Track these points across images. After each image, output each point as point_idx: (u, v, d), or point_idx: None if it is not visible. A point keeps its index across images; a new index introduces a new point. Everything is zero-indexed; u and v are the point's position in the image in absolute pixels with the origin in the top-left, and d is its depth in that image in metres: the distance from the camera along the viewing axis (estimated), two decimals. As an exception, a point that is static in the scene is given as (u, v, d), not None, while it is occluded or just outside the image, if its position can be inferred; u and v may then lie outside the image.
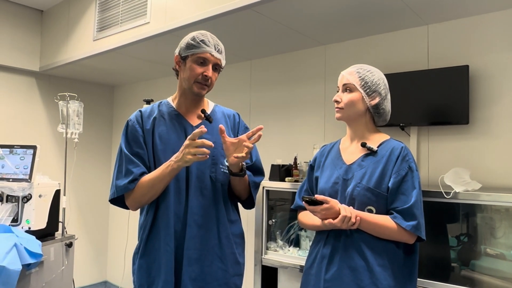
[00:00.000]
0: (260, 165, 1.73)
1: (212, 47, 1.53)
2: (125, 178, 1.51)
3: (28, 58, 3.84)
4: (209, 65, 1.54)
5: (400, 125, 2.36)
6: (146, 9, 2.82)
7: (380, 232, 1.44)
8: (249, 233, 2.94)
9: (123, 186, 1.51)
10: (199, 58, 1.53)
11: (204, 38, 1.53)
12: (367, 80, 1.54)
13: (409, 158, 1.50)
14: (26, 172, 2.41)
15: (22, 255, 2.12)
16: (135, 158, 1.54)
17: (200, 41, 1.53)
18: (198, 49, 1.52)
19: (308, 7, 2.22)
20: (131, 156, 1.54)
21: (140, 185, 1.50)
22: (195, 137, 1.41)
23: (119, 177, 1.54)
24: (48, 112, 4.10)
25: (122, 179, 1.52)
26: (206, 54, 1.52)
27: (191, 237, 1.50)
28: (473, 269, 1.90)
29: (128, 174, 1.51)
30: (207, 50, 1.52)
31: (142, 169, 1.53)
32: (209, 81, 1.55)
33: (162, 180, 1.48)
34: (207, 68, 1.53)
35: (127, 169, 1.52)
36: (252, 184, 1.65)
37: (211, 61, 1.54)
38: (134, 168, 1.52)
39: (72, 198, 4.13)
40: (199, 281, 1.50)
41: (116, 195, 1.54)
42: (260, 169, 1.72)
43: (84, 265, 4.32)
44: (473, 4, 2.12)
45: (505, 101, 2.14)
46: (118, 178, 1.54)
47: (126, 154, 1.54)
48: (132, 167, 1.52)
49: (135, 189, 1.51)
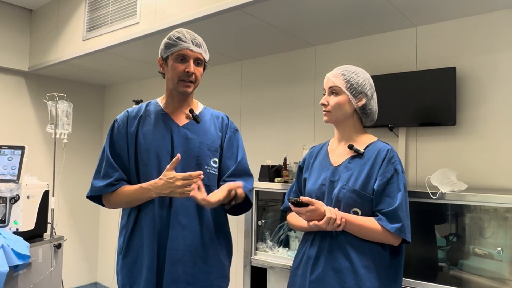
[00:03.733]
0: (246, 165, 1.69)
1: (190, 42, 1.53)
2: (102, 180, 1.54)
3: (17, 58, 3.80)
4: (190, 61, 1.53)
5: (389, 126, 2.37)
6: (136, 9, 2.81)
7: (365, 234, 1.45)
8: (239, 233, 2.95)
9: (99, 188, 1.54)
10: (179, 55, 1.53)
11: (179, 35, 1.53)
12: (352, 82, 1.54)
13: (395, 160, 1.50)
14: (14, 172, 2.39)
15: (9, 257, 2.11)
16: (115, 161, 1.55)
17: (176, 38, 1.53)
18: (176, 47, 1.52)
19: (298, 8, 2.22)
20: (112, 158, 1.55)
21: (117, 194, 1.54)
22: (190, 180, 1.43)
23: (96, 177, 1.57)
24: (37, 113, 4.07)
25: (99, 180, 1.55)
26: (184, 50, 1.52)
27: (174, 238, 1.50)
28: (461, 269, 1.92)
29: (106, 177, 1.54)
30: (184, 46, 1.52)
31: (120, 174, 1.55)
32: (193, 77, 1.55)
33: (138, 200, 1.52)
34: (188, 64, 1.53)
35: (106, 171, 1.55)
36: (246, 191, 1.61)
37: (191, 56, 1.53)
38: (112, 172, 1.54)
39: (61, 199, 4.10)
40: (182, 282, 1.49)
41: (91, 194, 1.58)
42: (246, 170, 1.68)
43: (74, 267, 4.29)
44: (461, 6, 2.13)
45: (492, 103, 2.16)
46: (95, 178, 1.57)
47: (108, 156, 1.56)
48: (111, 170, 1.54)
49: (113, 195, 1.55)
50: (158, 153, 1.54)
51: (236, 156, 1.67)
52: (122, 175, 1.55)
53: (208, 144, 1.60)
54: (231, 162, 1.65)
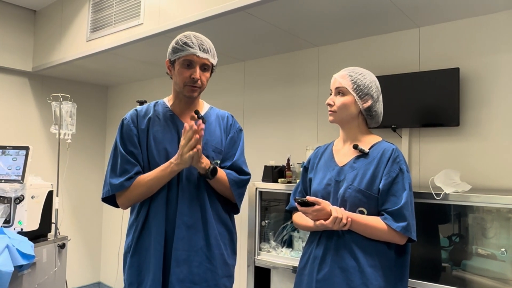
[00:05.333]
0: (242, 164, 1.69)
1: (197, 48, 1.52)
2: (120, 176, 1.52)
3: (21, 59, 3.82)
4: (196, 67, 1.53)
5: (392, 127, 2.38)
6: (140, 10, 2.82)
7: (371, 233, 1.46)
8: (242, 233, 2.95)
9: (119, 184, 1.51)
10: (185, 61, 1.52)
11: (187, 40, 1.52)
12: (359, 84, 1.55)
13: (400, 159, 1.51)
14: (19, 173, 2.39)
15: (14, 257, 2.12)
16: (130, 157, 1.54)
17: (183, 44, 1.52)
18: (183, 52, 1.51)
19: (301, 9, 2.23)
20: (126, 154, 1.54)
21: (136, 184, 1.51)
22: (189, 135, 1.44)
23: (113, 175, 1.54)
24: (41, 113, 4.09)
25: (117, 178, 1.52)
26: (191, 56, 1.51)
27: (180, 238, 1.51)
28: (464, 269, 1.92)
29: (124, 173, 1.52)
30: (191, 52, 1.51)
31: (137, 167, 1.54)
32: (199, 83, 1.55)
33: (161, 181, 1.51)
34: (194, 70, 1.52)
35: (123, 168, 1.53)
36: (230, 181, 1.60)
37: (197, 62, 1.53)
38: (131, 168, 1.53)
39: (65, 199, 4.11)
40: (187, 282, 1.50)
41: (110, 193, 1.54)
42: (241, 169, 1.68)
43: (77, 266, 4.30)
44: (464, 7, 2.14)
45: (495, 104, 2.16)
46: (112, 177, 1.54)
47: (122, 152, 1.54)
48: (129, 166, 1.53)
49: (131, 188, 1.52)
50: (168, 155, 1.55)
51: (233, 155, 1.68)
52: (140, 168, 1.54)
53: (213, 145, 1.62)
54: (228, 162, 1.66)
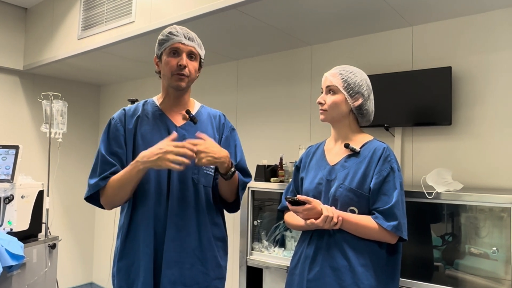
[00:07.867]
0: (245, 165, 1.70)
1: (181, 36, 1.53)
2: (98, 176, 1.51)
3: (11, 57, 3.78)
4: (183, 54, 1.52)
5: (385, 126, 2.37)
6: (131, 8, 2.80)
7: (362, 232, 1.45)
8: (235, 233, 2.94)
9: (94, 183, 1.50)
10: (171, 49, 1.52)
11: (171, 30, 1.54)
12: (349, 82, 1.55)
13: (391, 158, 1.51)
14: (8, 172, 2.37)
15: (3, 257, 2.09)
16: (112, 158, 1.53)
17: (168, 33, 1.53)
18: (168, 41, 1.52)
19: (294, 7, 2.22)
20: (108, 156, 1.53)
21: (109, 184, 1.49)
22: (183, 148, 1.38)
23: (92, 176, 1.53)
24: (32, 112, 4.05)
25: (95, 178, 1.51)
26: (177, 44, 1.52)
27: (171, 239, 1.48)
28: (457, 268, 1.92)
29: (102, 173, 1.51)
30: (176, 39, 1.51)
31: (117, 168, 1.52)
32: (186, 70, 1.53)
33: (129, 180, 1.45)
34: (180, 58, 1.52)
35: (103, 169, 1.51)
36: (241, 184, 1.63)
37: (183, 50, 1.52)
38: (108, 167, 1.51)
39: (56, 198, 4.08)
40: (179, 284, 1.48)
41: (88, 193, 1.53)
42: (245, 170, 1.69)
43: (69, 267, 4.27)
44: (457, 6, 2.14)
45: (487, 102, 2.17)
46: (91, 177, 1.53)
47: (102, 153, 1.53)
48: (107, 166, 1.51)
49: (106, 188, 1.50)
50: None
51: (235, 156, 1.67)
52: (119, 168, 1.52)
53: None
54: None
